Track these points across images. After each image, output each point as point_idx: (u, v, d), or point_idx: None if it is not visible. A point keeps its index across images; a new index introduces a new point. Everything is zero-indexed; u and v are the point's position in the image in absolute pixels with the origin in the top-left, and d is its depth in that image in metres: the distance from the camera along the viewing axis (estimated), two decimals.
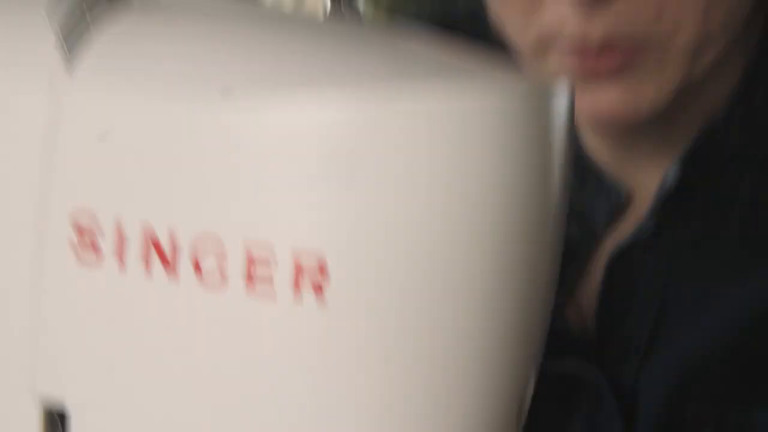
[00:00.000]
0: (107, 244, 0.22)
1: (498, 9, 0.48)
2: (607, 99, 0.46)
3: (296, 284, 0.21)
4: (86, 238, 0.22)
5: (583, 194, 0.51)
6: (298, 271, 0.21)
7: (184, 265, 0.21)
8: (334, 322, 0.21)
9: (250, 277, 0.21)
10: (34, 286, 0.23)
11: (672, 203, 0.49)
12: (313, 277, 0.21)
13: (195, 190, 0.21)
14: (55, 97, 0.23)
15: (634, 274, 0.49)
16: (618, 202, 0.51)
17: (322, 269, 0.21)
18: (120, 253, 0.22)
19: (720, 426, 0.47)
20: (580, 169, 0.51)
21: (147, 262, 0.22)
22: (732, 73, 0.50)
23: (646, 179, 0.50)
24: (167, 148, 0.21)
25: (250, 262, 0.21)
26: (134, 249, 0.22)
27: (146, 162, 0.22)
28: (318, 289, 0.21)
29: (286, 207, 0.21)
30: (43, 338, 0.23)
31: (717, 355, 0.48)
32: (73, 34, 0.23)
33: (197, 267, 0.21)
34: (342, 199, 0.21)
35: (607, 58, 0.45)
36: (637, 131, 0.50)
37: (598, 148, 0.52)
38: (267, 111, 0.21)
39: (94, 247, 0.22)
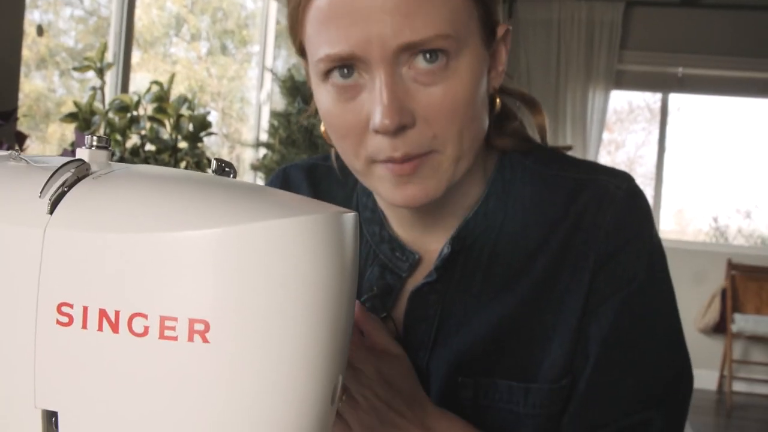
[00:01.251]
0: (76, 316, 0.37)
1: (339, 148, 0.73)
2: (409, 192, 0.71)
3: (190, 335, 0.36)
4: (64, 314, 0.37)
5: (394, 257, 0.80)
6: (191, 328, 0.36)
7: (123, 327, 0.37)
8: (214, 356, 0.37)
9: (162, 332, 0.36)
10: (34, 338, 0.38)
11: (446, 264, 0.77)
12: (200, 330, 0.36)
13: (133, 287, 0.36)
14: (42, 230, 0.38)
15: (424, 303, 0.78)
16: (413, 262, 0.80)
17: (207, 327, 0.36)
18: (83, 321, 0.37)
19: (475, 388, 0.76)
20: (392, 243, 0.81)
21: (100, 325, 0.37)
22: (478, 183, 0.79)
23: (430, 249, 0.80)
24: (114, 261, 0.37)
25: (162, 324, 0.36)
26: (92, 319, 0.37)
27: (102, 271, 0.37)
28: (203, 337, 0.36)
29: (185, 294, 0.36)
30: (39, 369, 0.38)
31: (474, 348, 0.76)
32: (56, 194, 0.38)
33: (130, 327, 0.37)
34: (218, 288, 0.37)
35: (407, 166, 0.69)
36: (424, 221, 0.79)
37: (401, 232, 0.81)
38: (178, 235, 0.37)
39: (68, 318, 0.37)
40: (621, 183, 0.78)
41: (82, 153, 0.43)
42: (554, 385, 0.75)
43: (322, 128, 0.78)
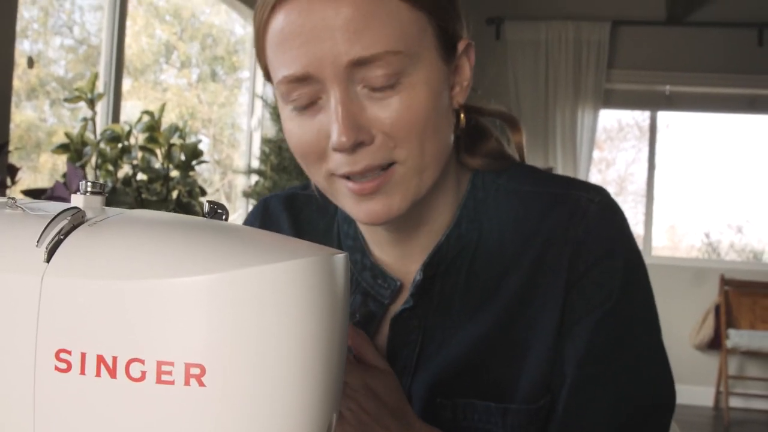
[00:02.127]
0: (74, 363, 0.38)
1: (303, 166, 0.75)
2: (373, 208, 0.72)
3: (186, 379, 0.37)
4: (62, 360, 0.38)
5: (376, 284, 0.81)
6: (187, 372, 0.37)
7: (120, 372, 0.37)
8: (210, 398, 0.37)
9: (159, 377, 0.37)
10: (33, 384, 0.38)
11: (421, 290, 0.78)
12: (196, 374, 0.37)
13: (130, 333, 0.37)
14: (39, 278, 0.39)
15: (406, 329, 0.79)
16: (395, 289, 0.81)
17: (203, 371, 0.37)
18: (82, 367, 0.38)
19: (453, 409, 0.76)
20: (374, 270, 0.81)
21: (98, 371, 0.38)
22: (452, 203, 0.79)
23: (411, 271, 0.81)
24: (111, 308, 0.38)
25: (159, 369, 0.37)
26: (90, 365, 0.38)
27: (99, 317, 0.38)
28: (199, 381, 0.37)
29: (180, 339, 0.37)
30: (39, 415, 0.38)
31: (452, 369, 0.76)
32: (52, 242, 0.39)
33: (127, 372, 0.37)
34: (213, 332, 0.37)
35: (368, 182, 0.71)
36: (401, 245, 0.80)
37: (382, 256, 0.82)
38: (172, 281, 0.37)
39: (67, 364, 0.38)
40: (594, 196, 0.77)
41: (76, 199, 0.44)
42: (532, 405, 0.75)
43: None
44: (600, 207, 0.76)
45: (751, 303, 5.17)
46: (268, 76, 0.75)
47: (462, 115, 0.78)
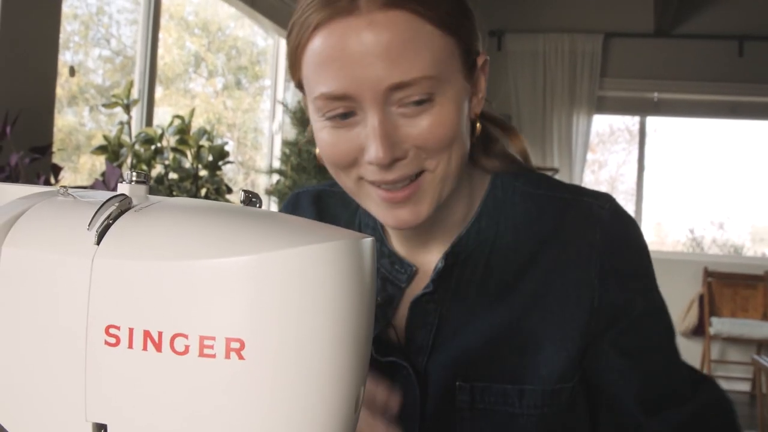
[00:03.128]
0: (123, 337, 0.37)
1: (332, 171, 0.75)
2: (403, 215, 0.72)
3: (227, 353, 0.36)
4: (111, 335, 0.37)
5: (393, 270, 0.81)
6: (228, 346, 0.36)
7: (165, 346, 0.37)
8: (248, 371, 0.37)
9: (201, 350, 0.36)
10: (85, 357, 0.38)
11: (441, 276, 0.78)
12: (236, 348, 0.36)
13: (174, 310, 0.37)
14: (90, 259, 0.38)
15: (423, 311, 0.78)
16: (411, 274, 0.81)
17: (243, 345, 0.37)
18: (129, 342, 0.37)
19: (472, 392, 0.75)
20: (391, 258, 0.82)
21: (145, 345, 0.37)
22: (465, 202, 0.80)
23: (426, 262, 0.81)
24: (157, 287, 0.37)
25: (202, 343, 0.37)
26: (138, 340, 0.37)
27: (146, 295, 0.37)
28: (239, 354, 0.37)
29: (222, 315, 0.37)
30: (90, 385, 0.38)
31: (470, 354, 0.76)
32: (102, 226, 0.39)
33: (172, 346, 0.37)
34: (253, 309, 0.37)
35: (399, 191, 0.71)
36: (419, 237, 0.80)
37: (399, 248, 0.82)
38: (215, 262, 0.37)
39: (116, 339, 0.37)
40: (604, 203, 0.78)
41: (123, 188, 0.44)
42: (547, 387, 0.75)
43: (317, 151, 0.80)
44: (611, 213, 0.78)
45: (732, 293, 5.14)
46: (300, 86, 0.75)
47: (477, 124, 0.78)
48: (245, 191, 0.45)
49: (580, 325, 0.75)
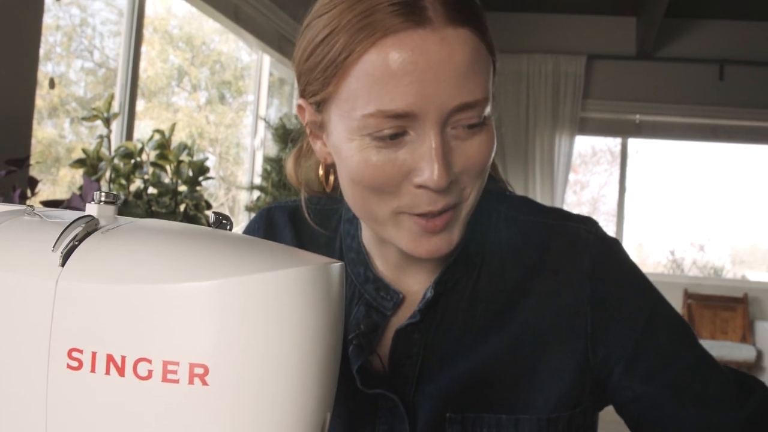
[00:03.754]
0: (86, 361, 0.37)
1: (361, 197, 0.69)
2: (436, 244, 0.69)
3: (191, 378, 0.36)
4: (74, 359, 0.37)
5: (379, 296, 0.78)
6: (192, 371, 0.36)
7: (128, 371, 0.37)
8: (212, 396, 0.37)
9: (164, 375, 0.36)
10: (46, 380, 0.37)
11: (428, 306, 0.75)
12: (200, 374, 0.36)
13: (138, 334, 0.37)
14: (54, 281, 0.38)
15: (408, 341, 0.76)
16: (397, 301, 0.78)
17: (206, 371, 0.37)
18: (92, 366, 0.37)
19: (462, 423, 0.73)
20: (376, 283, 0.78)
21: (108, 369, 0.37)
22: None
23: (412, 289, 0.78)
24: (121, 311, 0.37)
25: (165, 368, 0.36)
26: (100, 364, 0.37)
27: (109, 319, 0.37)
28: (203, 380, 0.36)
29: (186, 340, 0.37)
30: (51, 409, 0.37)
31: (459, 384, 0.74)
32: (67, 248, 0.39)
33: (135, 371, 0.37)
34: (217, 334, 0.37)
35: (440, 220, 0.68)
36: (407, 262, 0.77)
37: (384, 272, 0.79)
38: (180, 286, 0.37)
39: (78, 362, 0.37)
40: (590, 228, 0.77)
41: (91, 208, 0.44)
42: (543, 416, 0.73)
43: (320, 171, 0.77)
44: (597, 237, 0.76)
45: (711, 315, 5.17)
46: (320, 102, 0.69)
47: None
48: (215, 213, 0.45)
49: (576, 353, 0.73)
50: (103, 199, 0.44)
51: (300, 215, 0.85)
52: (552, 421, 0.73)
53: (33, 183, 1.83)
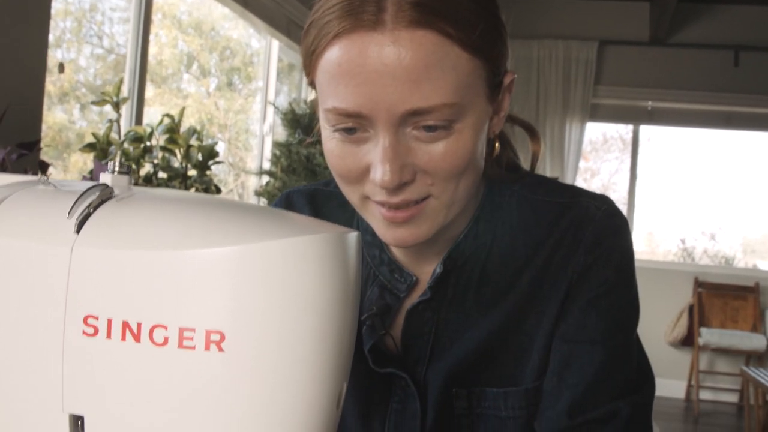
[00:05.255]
0: (101, 328, 0.37)
1: (337, 181, 0.72)
2: (400, 235, 0.70)
3: (207, 344, 0.36)
4: (90, 325, 0.37)
5: (393, 279, 0.80)
6: (208, 338, 0.36)
7: (144, 337, 0.36)
8: (228, 363, 0.36)
9: (180, 341, 0.36)
10: (62, 347, 0.37)
11: (438, 283, 0.76)
12: (216, 340, 0.36)
13: (154, 300, 0.36)
14: (69, 248, 0.38)
15: (420, 320, 0.77)
16: (411, 283, 0.79)
17: (222, 337, 0.36)
18: (108, 332, 0.37)
19: (469, 398, 0.75)
20: (391, 265, 0.80)
21: (123, 335, 0.37)
22: (467, 216, 0.78)
23: (426, 271, 0.79)
24: (137, 277, 0.37)
25: (181, 335, 0.36)
26: (116, 330, 0.37)
27: (125, 285, 0.37)
28: (219, 346, 0.36)
29: (203, 307, 0.36)
30: (67, 376, 0.37)
31: (466, 360, 0.75)
32: (82, 215, 0.38)
33: (151, 337, 0.36)
34: (234, 301, 0.36)
35: (401, 212, 0.68)
36: (420, 247, 0.77)
37: (399, 257, 0.80)
38: (197, 252, 0.37)
39: (94, 329, 0.37)
40: (601, 204, 0.77)
41: (105, 178, 0.43)
42: (529, 386, 0.74)
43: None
44: (605, 213, 0.76)
45: (722, 304, 5.15)
46: (312, 85, 0.71)
47: (497, 144, 0.75)
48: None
49: (553, 319, 0.74)
50: (117, 169, 0.44)
51: (318, 198, 0.87)
52: (538, 389, 0.74)
53: (44, 166, 1.83)
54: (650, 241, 5.99)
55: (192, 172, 2.40)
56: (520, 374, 0.75)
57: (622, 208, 5.60)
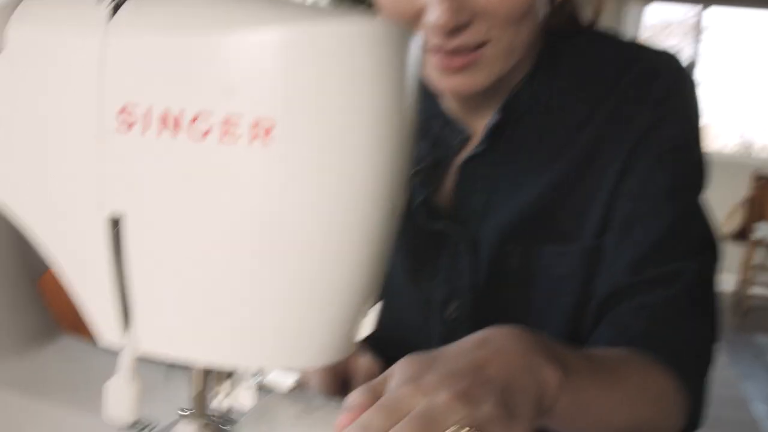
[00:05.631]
0: (138, 119, 0.34)
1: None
2: (456, 82, 0.68)
3: (254, 134, 0.33)
4: (127, 114, 0.34)
5: (446, 132, 0.77)
6: (255, 127, 0.33)
7: (185, 128, 0.33)
8: (275, 158, 0.33)
9: (225, 132, 0.33)
10: (98, 142, 0.35)
11: (493, 135, 0.73)
12: (262, 132, 0.33)
13: (197, 87, 0.33)
14: (104, 34, 0.35)
15: (473, 175, 0.75)
16: (463, 138, 0.76)
17: (269, 129, 0.33)
18: (147, 124, 0.34)
19: (521, 256, 0.73)
20: (442, 119, 0.77)
21: (164, 124, 0.33)
22: (524, 66, 0.74)
23: (479, 125, 0.76)
24: (178, 63, 0.33)
25: (227, 123, 0.33)
26: (155, 121, 0.34)
27: (165, 72, 0.33)
28: (268, 135, 0.33)
29: (251, 92, 0.33)
30: (103, 172, 0.35)
31: (521, 217, 0.73)
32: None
33: (193, 128, 0.33)
34: (286, 86, 0.33)
35: (458, 59, 0.65)
36: (474, 100, 0.74)
37: (452, 109, 0.77)
38: (246, 35, 0.33)
39: (131, 121, 0.34)
40: (668, 59, 0.74)
41: None
42: (586, 244, 0.72)
43: None
44: (674, 68, 0.73)
45: None
46: None
47: None
48: None
49: (616, 176, 0.71)
50: None
51: None
52: (595, 249, 0.72)
53: None
54: (707, 133, 5.82)
55: None
56: (578, 232, 0.72)
57: None
